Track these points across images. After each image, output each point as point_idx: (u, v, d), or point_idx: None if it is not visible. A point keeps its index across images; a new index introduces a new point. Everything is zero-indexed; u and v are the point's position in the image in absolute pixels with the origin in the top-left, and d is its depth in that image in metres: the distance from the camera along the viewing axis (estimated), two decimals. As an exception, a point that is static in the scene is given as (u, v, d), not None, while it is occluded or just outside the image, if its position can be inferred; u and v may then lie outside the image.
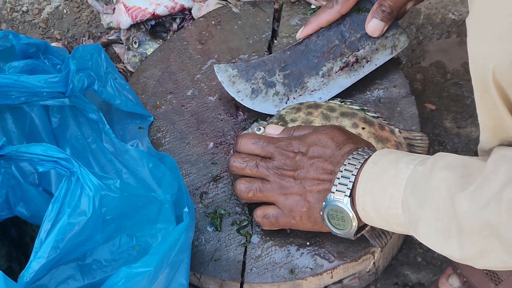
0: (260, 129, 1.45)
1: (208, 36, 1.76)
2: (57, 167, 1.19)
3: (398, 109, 1.59)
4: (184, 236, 1.26)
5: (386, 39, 1.57)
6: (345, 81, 1.57)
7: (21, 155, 1.21)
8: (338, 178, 1.26)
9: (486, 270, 1.48)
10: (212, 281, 1.47)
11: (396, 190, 1.18)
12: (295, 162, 1.33)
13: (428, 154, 1.52)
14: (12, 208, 1.37)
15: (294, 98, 1.56)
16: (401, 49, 1.59)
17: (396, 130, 1.52)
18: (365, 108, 1.56)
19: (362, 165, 1.25)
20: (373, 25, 1.53)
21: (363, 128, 1.50)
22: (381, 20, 1.53)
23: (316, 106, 1.51)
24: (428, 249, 1.67)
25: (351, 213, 1.26)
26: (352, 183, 1.25)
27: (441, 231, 1.12)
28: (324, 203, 1.30)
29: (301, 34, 1.58)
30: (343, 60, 1.56)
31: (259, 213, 1.41)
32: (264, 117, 1.56)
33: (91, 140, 1.47)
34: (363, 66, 1.57)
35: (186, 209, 1.31)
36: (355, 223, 1.28)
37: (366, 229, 1.35)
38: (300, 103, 1.52)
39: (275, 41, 1.73)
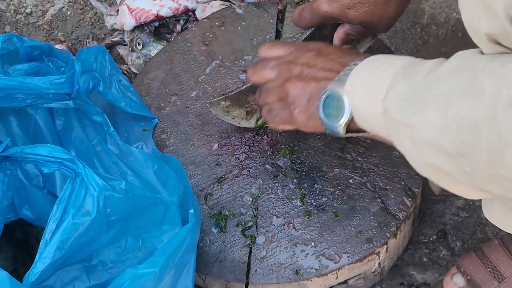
0: None
1: (212, 37, 1.76)
2: (62, 168, 1.19)
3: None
4: (190, 237, 1.26)
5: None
6: None
7: (26, 156, 1.21)
8: (343, 72, 1.21)
9: (489, 268, 1.48)
10: (217, 282, 1.48)
11: (380, 84, 1.11)
12: (311, 56, 1.28)
13: None
14: (17, 211, 1.37)
15: None
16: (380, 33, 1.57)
17: None
18: None
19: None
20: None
21: None
22: (347, 44, 1.50)
23: None
24: (434, 249, 1.67)
25: (346, 99, 1.19)
26: (349, 75, 1.19)
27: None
28: (323, 91, 1.23)
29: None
30: None
31: (265, 109, 1.35)
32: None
33: (96, 143, 1.47)
34: None
35: (191, 211, 1.31)
36: (347, 112, 1.19)
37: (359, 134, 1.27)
38: None
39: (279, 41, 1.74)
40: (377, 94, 1.10)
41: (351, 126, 1.20)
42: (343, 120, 1.20)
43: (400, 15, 1.44)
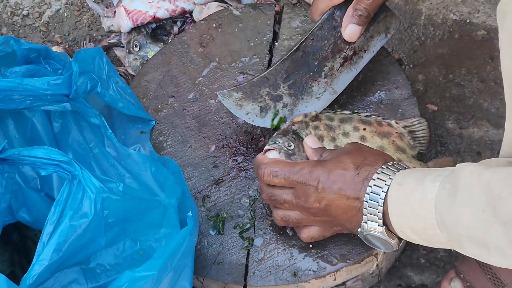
0: (291, 144, 1.43)
1: (209, 39, 1.76)
2: (59, 170, 1.19)
3: (400, 110, 1.59)
4: (188, 240, 1.26)
5: (378, 23, 1.56)
6: (347, 76, 1.57)
7: (23, 158, 1.21)
8: (366, 209, 1.24)
9: (489, 275, 1.48)
10: (215, 285, 1.47)
11: (428, 212, 1.15)
12: (317, 195, 1.30)
13: (429, 136, 1.53)
14: (14, 214, 1.37)
15: (306, 107, 1.55)
16: (394, 30, 1.57)
17: (393, 122, 1.53)
18: (356, 111, 1.56)
19: (387, 193, 1.23)
20: (350, 30, 1.50)
21: (364, 129, 1.50)
22: (357, 24, 1.49)
23: (318, 118, 1.51)
24: (431, 251, 1.67)
25: (390, 240, 1.25)
26: (381, 209, 1.23)
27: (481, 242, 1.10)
28: (359, 229, 1.28)
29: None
30: (342, 56, 1.54)
31: (305, 236, 1.41)
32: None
33: (93, 145, 1.47)
34: (362, 57, 1.56)
35: (189, 213, 1.31)
36: (395, 245, 1.26)
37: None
38: (304, 115, 1.51)
39: (276, 43, 1.73)
40: (425, 221, 1.16)
41: None
42: (394, 248, 1.28)
43: None
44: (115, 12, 2.02)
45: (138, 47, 1.97)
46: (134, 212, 1.24)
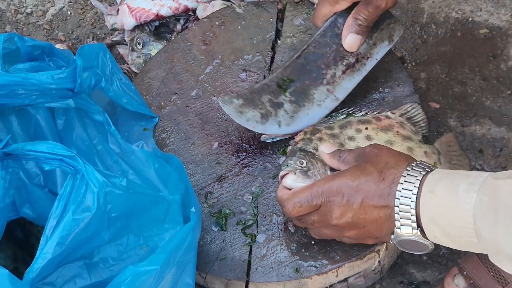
0: (303, 162, 1.41)
1: (212, 37, 1.77)
2: (63, 165, 1.19)
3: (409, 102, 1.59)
4: (191, 236, 1.26)
5: (381, 31, 1.56)
6: (350, 83, 1.56)
7: (27, 153, 1.21)
8: (398, 214, 1.24)
9: (492, 272, 1.48)
10: (217, 281, 1.48)
11: (465, 222, 1.15)
12: (341, 208, 1.29)
13: (426, 117, 1.55)
14: (18, 210, 1.37)
15: (307, 114, 1.55)
16: (398, 37, 1.58)
17: (389, 113, 1.53)
18: (350, 111, 1.56)
19: (418, 196, 1.22)
20: (350, 40, 1.51)
21: (366, 129, 1.50)
22: (357, 33, 1.50)
23: (318, 130, 1.51)
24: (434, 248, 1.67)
25: (425, 241, 1.25)
26: (414, 212, 1.22)
27: None
28: (392, 235, 1.28)
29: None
30: (344, 63, 1.54)
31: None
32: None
33: (97, 142, 1.48)
34: (365, 64, 1.56)
35: (193, 209, 1.31)
36: (431, 245, 1.26)
37: None
38: (304, 132, 1.51)
39: (278, 41, 1.74)
40: (461, 230, 1.16)
41: None
42: (430, 250, 1.28)
43: None
44: (118, 10, 2.03)
45: (141, 45, 1.98)
46: (138, 207, 1.25)
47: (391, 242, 1.29)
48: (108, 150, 1.47)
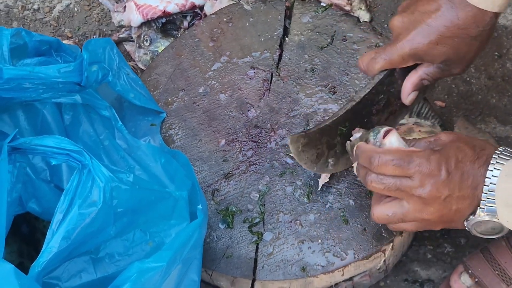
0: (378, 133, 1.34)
1: (220, 33, 1.76)
2: (69, 160, 1.20)
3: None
4: (198, 233, 1.26)
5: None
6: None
7: (34, 147, 1.21)
8: (486, 193, 1.22)
9: (497, 271, 1.48)
10: (223, 278, 1.48)
11: None
12: (438, 184, 1.25)
13: (430, 105, 1.54)
14: (24, 204, 1.37)
15: (347, 158, 1.48)
16: (430, 90, 1.54)
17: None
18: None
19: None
20: (413, 97, 1.44)
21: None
22: (419, 91, 1.44)
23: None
24: (438, 246, 1.67)
25: (504, 226, 1.24)
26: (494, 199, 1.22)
27: None
28: (472, 216, 1.26)
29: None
30: (389, 110, 1.50)
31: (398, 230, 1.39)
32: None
33: (104, 137, 1.48)
34: (402, 112, 1.52)
35: (199, 206, 1.31)
36: (507, 229, 1.25)
37: None
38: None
39: (286, 38, 1.73)
40: None
41: None
42: (504, 233, 1.27)
43: (480, 53, 1.40)
44: (125, 6, 2.02)
45: (148, 41, 1.98)
46: (144, 203, 1.25)
47: (466, 226, 1.28)
48: (115, 145, 1.47)
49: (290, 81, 1.66)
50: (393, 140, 1.30)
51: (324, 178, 1.52)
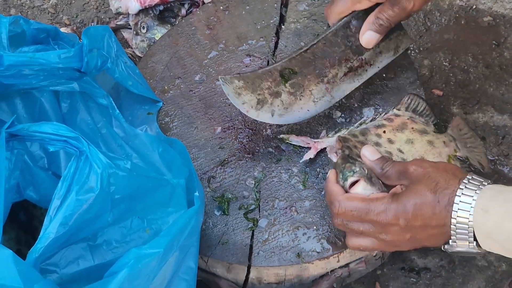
0: (365, 169, 1.37)
1: (216, 22, 1.77)
2: (67, 146, 1.20)
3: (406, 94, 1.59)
4: (195, 220, 1.27)
5: (389, 41, 1.54)
6: (349, 86, 1.56)
7: (32, 134, 1.22)
8: (454, 231, 1.24)
9: None
10: (219, 265, 1.49)
11: None
12: (399, 231, 1.29)
13: (426, 104, 1.55)
14: (21, 192, 1.37)
15: (301, 108, 1.54)
16: (403, 49, 1.57)
17: (395, 110, 1.53)
18: (361, 122, 1.55)
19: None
20: (368, 37, 1.49)
21: (384, 132, 1.49)
22: (376, 32, 1.48)
23: (346, 139, 1.48)
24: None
25: (480, 251, 1.25)
26: (472, 230, 1.22)
27: None
28: (446, 246, 1.28)
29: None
30: (348, 65, 1.54)
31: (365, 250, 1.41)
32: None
33: (101, 125, 1.48)
34: (366, 70, 1.55)
35: (196, 193, 1.32)
36: (484, 253, 1.26)
37: None
38: (340, 137, 1.48)
39: (282, 26, 1.74)
40: None
41: None
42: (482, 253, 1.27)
43: None
44: (123, -6, 2.03)
45: (146, 29, 1.98)
46: (142, 190, 1.25)
47: (443, 249, 1.30)
48: (112, 133, 1.47)
49: (286, 69, 1.67)
50: (360, 190, 1.35)
51: (309, 154, 1.53)
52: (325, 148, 1.52)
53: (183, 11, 2.00)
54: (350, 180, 1.35)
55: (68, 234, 1.16)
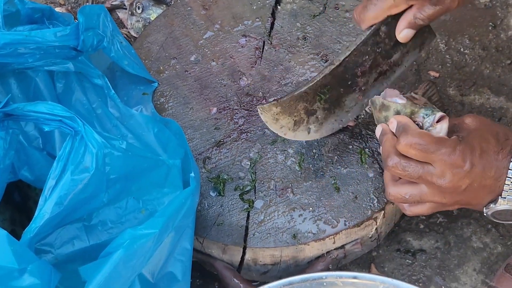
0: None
1: (212, 2, 1.76)
2: (62, 126, 1.20)
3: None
4: (190, 200, 1.27)
5: (415, 39, 1.49)
6: (378, 90, 1.51)
7: (27, 114, 1.21)
8: (508, 185, 1.23)
9: None
10: (215, 246, 1.48)
11: None
12: (460, 175, 1.25)
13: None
14: (16, 172, 1.37)
15: (335, 120, 1.50)
16: (428, 45, 1.54)
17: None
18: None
19: None
20: (407, 34, 1.42)
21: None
22: (413, 29, 1.42)
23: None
24: (430, 216, 1.68)
25: None
26: None
27: None
28: (492, 204, 1.27)
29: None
30: (378, 71, 1.49)
31: (414, 213, 1.36)
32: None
33: (97, 106, 1.47)
34: (395, 71, 1.51)
35: (192, 174, 1.32)
36: None
37: None
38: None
39: (278, 7, 1.73)
40: None
41: None
42: None
43: None
44: (118, -27, 2.02)
45: (141, 9, 1.97)
46: (137, 170, 1.25)
47: (484, 212, 1.29)
48: (108, 114, 1.46)
49: (282, 49, 1.67)
50: (444, 128, 1.31)
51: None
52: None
53: (179, -9, 2.00)
54: (439, 114, 1.31)
55: (63, 214, 1.16)
